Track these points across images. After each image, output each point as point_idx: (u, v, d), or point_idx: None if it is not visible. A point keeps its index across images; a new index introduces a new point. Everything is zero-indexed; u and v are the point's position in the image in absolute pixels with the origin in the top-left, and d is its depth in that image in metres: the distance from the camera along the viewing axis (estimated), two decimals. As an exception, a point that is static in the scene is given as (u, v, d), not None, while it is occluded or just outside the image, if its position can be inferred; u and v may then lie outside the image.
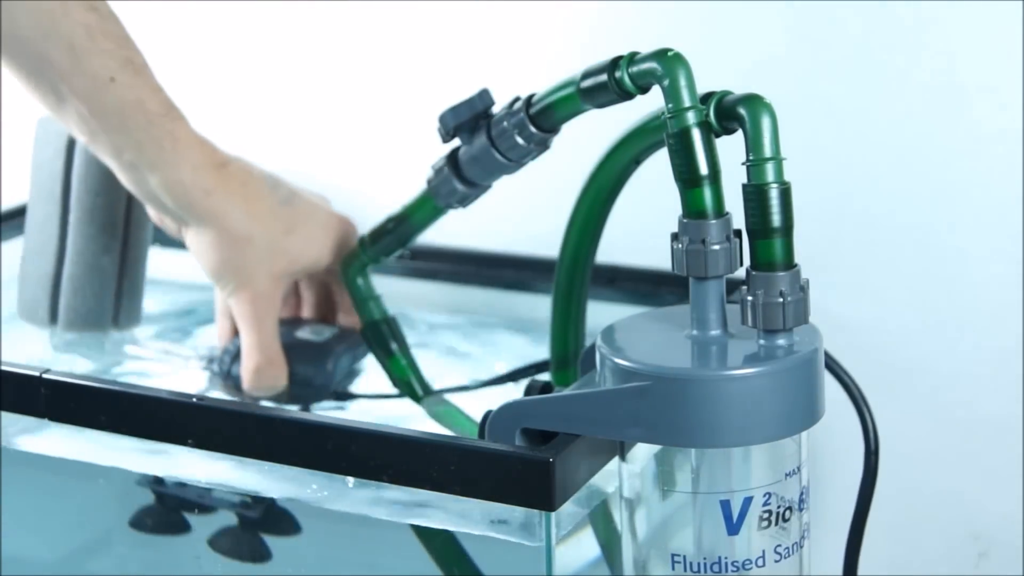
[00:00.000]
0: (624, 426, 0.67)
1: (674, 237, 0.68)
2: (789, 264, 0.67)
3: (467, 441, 0.72)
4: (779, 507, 0.67)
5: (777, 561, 0.68)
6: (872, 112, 0.99)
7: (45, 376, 0.79)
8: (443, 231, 0.91)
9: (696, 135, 0.67)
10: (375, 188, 1.09)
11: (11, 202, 1.11)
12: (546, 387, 0.76)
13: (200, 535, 0.84)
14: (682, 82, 0.68)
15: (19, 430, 0.83)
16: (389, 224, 0.89)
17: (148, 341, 0.98)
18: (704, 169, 0.67)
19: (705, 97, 0.69)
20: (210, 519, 0.83)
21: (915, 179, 0.99)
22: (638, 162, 0.77)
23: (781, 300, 0.66)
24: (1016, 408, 0.98)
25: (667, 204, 0.70)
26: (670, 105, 0.68)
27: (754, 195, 0.66)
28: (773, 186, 0.66)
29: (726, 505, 0.67)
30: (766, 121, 0.67)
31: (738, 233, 0.68)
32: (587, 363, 0.77)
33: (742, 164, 0.67)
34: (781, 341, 0.67)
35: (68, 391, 0.79)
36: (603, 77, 0.72)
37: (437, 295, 1.06)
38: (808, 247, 0.70)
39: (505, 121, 0.79)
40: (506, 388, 0.91)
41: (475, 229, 1.00)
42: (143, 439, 0.78)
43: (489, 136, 0.80)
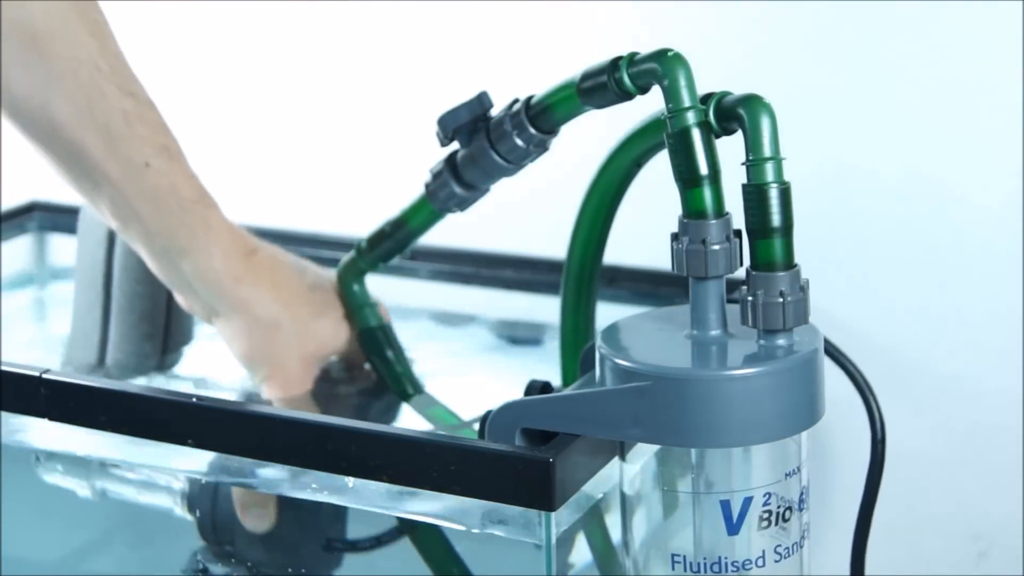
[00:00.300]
0: (624, 426, 0.67)
1: (674, 237, 0.68)
2: (789, 264, 0.67)
3: (467, 441, 0.72)
4: (779, 507, 0.67)
5: (777, 561, 0.68)
6: (872, 112, 0.99)
7: (45, 376, 0.79)
8: (443, 231, 0.91)
9: (696, 135, 0.67)
10: (372, 192, 1.09)
11: (11, 202, 1.11)
12: (546, 387, 0.76)
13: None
14: (682, 82, 0.68)
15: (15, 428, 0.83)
16: (386, 229, 0.88)
17: None
18: (704, 169, 0.67)
19: (704, 98, 0.69)
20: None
21: (915, 179, 0.99)
22: (639, 165, 0.77)
23: (781, 300, 0.66)
24: (1016, 409, 0.98)
25: (667, 204, 0.70)
26: (670, 105, 0.68)
27: (754, 195, 0.66)
28: (773, 186, 0.66)
29: (726, 505, 0.67)
30: (765, 121, 0.67)
31: (738, 233, 0.68)
32: (587, 363, 0.77)
33: (742, 164, 0.67)
34: (781, 341, 0.67)
35: (68, 391, 0.79)
36: (603, 77, 0.72)
37: (437, 295, 1.06)
38: (808, 247, 0.70)
39: (504, 123, 0.79)
40: (505, 388, 0.91)
41: (475, 229, 1.00)
42: (143, 439, 0.78)
43: (488, 138, 0.80)
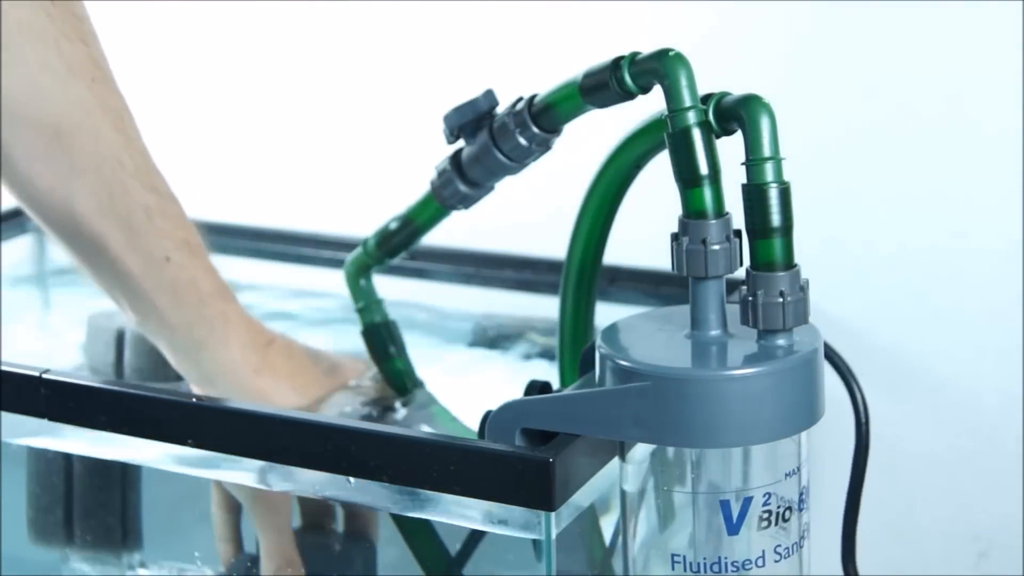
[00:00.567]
0: (624, 426, 0.67)
1: (674, 237, 0.68)
2: (789, 264, 0.67)
3: (467, 441, 0.72)
4: (779, 507, 0.67)
5: (777, 561, 0.68)
6: (872, 111, 0.99)
7: (45, 376, 0.79)
8: (443, 231, 0.91)
9: (696, 135, 0.67)
10: (374, 192, 1.09)
11: (12, 202, 1.11)
12: (546, 387, 0.76)
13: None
14: (683, 82, 0.68)
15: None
16: (393, 226, 0.89)
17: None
18: (704, 169, 0.67)
19: (704, 98, 0.69)
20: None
21: (915, 179, 0.99)
22: (639, 166, 0.77)
23: (781, 300, 0.66)
24: (1016, 408, 0.98)
25: (667, 204, 0.70)
26: (671, 105, 0.68)
27: (754, 195, 0.66)
28: (772, 186, 0.66)
29: (726, 505, 0.67)
30: (765, 121, 0.67)
31: (738, 233, 0.68)
32: (587, 363, 0.76)
33: (741, 164, 0.67)
34: (781, 341, 0.67)
35: (68, 391, 0.79)
36: (604, 77, 0.72)
37: (437, 295, 1.06)
38: (808, 247, 0.70)
39: (507, 121, 0.79)
40: (504, 389, 0.91)
41: (475, 229, 1.01)
42: (143, 439, 0.78)
43: (491, 136, 0.80)
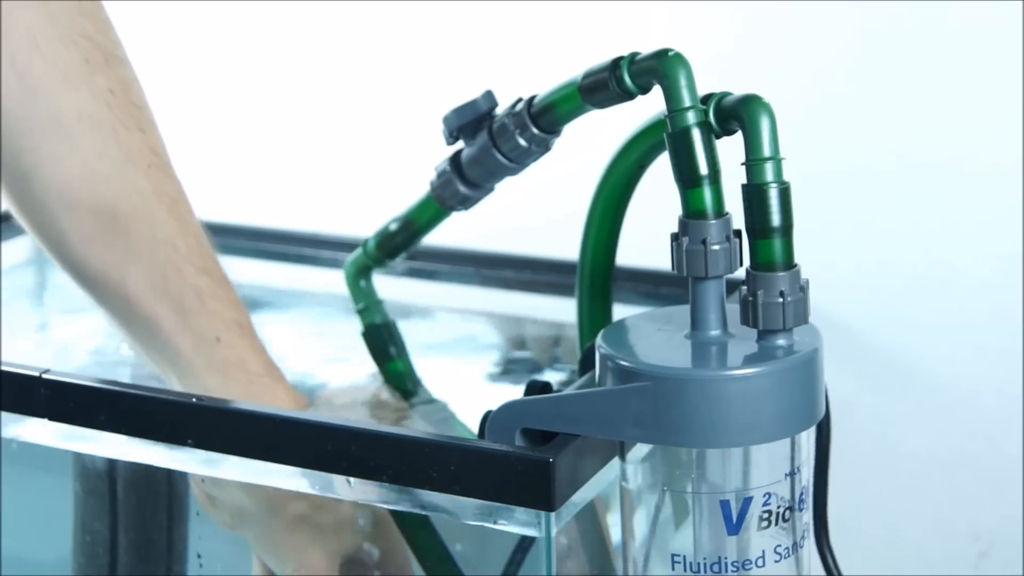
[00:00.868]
0: (624, 426, 0.67)
1: (674, 237, 0.68)
2: (789, 264, 0.67)
3: (467, 441, 0.72)
4: (779, 507, 0.67)
5: (777, 561, 0.68)
6: (872, 111, 0.99)
7: (45, 376, 0.79)
8: (443, 231, 0.91)
9: (696, 135, 0.67)
10: (374, 192, 1.09)
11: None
12: (546, 387, 0.76)
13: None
14: (682, 82, 0.68)
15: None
16: (393, 227, 0.89)
17: None
18: (704, 169, 0.67)
19: (704, 98, 0.69)
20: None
21: (915, 178, 0.99)
22: (643, 167, 0.77)
23: (781, 300, 0.66)
24: (1016, 408, 0.98)
25: (667, 204, 0.70)
26: (670, 105, 0.68)
27: (753, 195, 0.66)
28: (772, 186, 0.66)
29: (726, 505, 0.67)
30: (765, 121, 0.67)
31: (738, 233, 0.68)
32: (587, 363, 0.76)
33: (741, 164, 0.67)
34: (781, 341, 0.67)
35: (68, 391, 0.79)
36: (604, 77, 0.72)
37: (437, 295, 1.06)
38: (808, 247, 0.70)
39: (507, 122, 0.79)
40: (503, 388, 0.91)
41: (475, 229, 1.01)
42: (143, 439, 0.78)
43: (491, 137, 0.80)
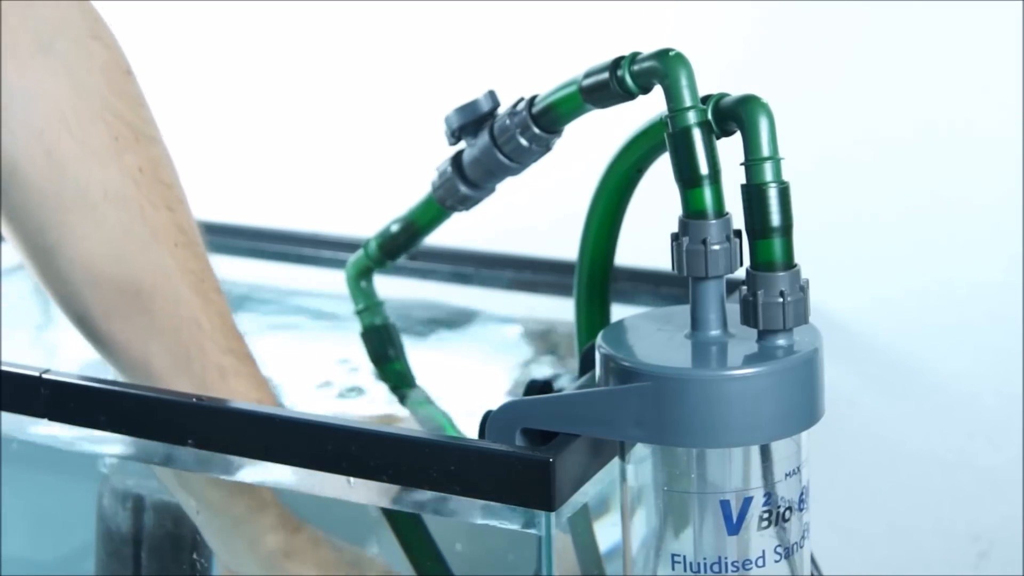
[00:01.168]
0: (624, 426, 0.67)
1: (674, 237, 0.68)
2: (789, 264, 0.67)
3: (467, 441, 0.72)
4: (779, 507, 0.67)
5: (777, 561, 0.68)
6: (872, 111, 0.99)
7: (45, 376, 0.79)
8: (444, 231, 0.91)
9: (696, 135, 0.67)
10: (375, 192, 1.09)
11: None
12: (546, 387, 0.76)
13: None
14: (683, 82, 0.68)
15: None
16: (394, 228, 0.89)
17: None
18: (704, 169, 0.67)
19: (703, 99, 0.69)
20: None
21: (915, 178, 0.99)
22: (640, 169, 0.77)
23: (781, 300, 0.66)
24: (1016, 408, 0.98)
25: (667, 204, 0.70)
26: (671, 105, 0.68)
27: (753, 195, 0.66)
28: (772, 186, 0.66)
29: (726, 505, 0.67)
30: (764, 121, 0.66)
31: (738, 233, 0.68)
32: (587, 363, 0.76)
33: (741, 164, 0.67)
34: (781, 341, 0.67)
35: (68, 391, 0.79)
36: (604, 76, 0.72)
37: (437, 295, 1.06)
38: (808, 247, 0.70)
39: (508, 122, 0.79)
40: (503, 387, 0.91)
41: (475, 229, 1.01)
42: (143, 439, 0.78)
43: (492, 137, 0.80)
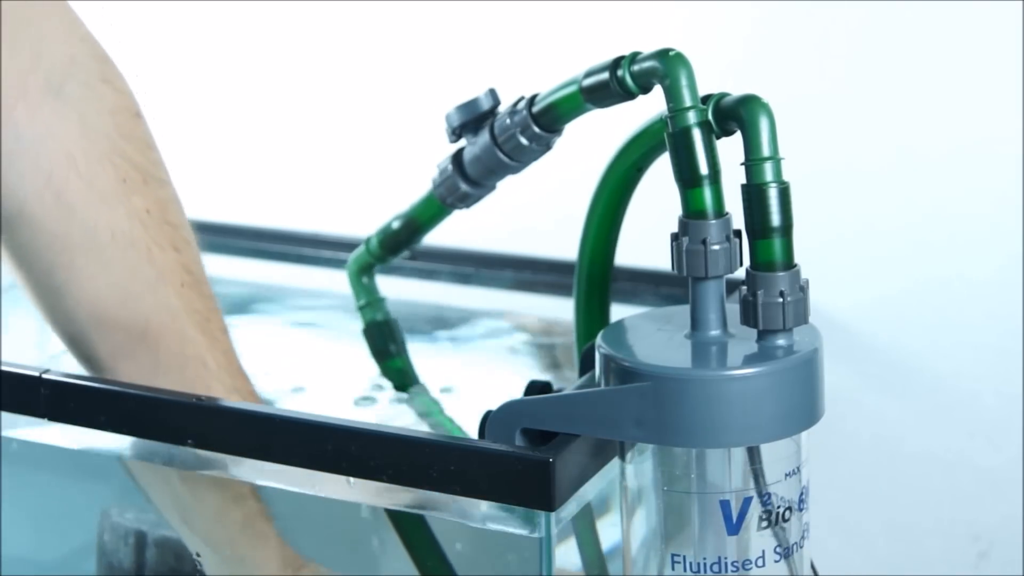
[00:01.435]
0: (624, 426, 0.67)
1: (674, 237, 0.68)
2: (789, 264, 0.67)
3: (467, 441, 0.72)
4: (779, 507, 0.67)
5: (777, 561, 0.68)
6: (872, 111, 0.99)
7: (45, 376, 0.79)
8: (444, 231, 0.91)
9: (696, 135, 0.67)
10: (375, 192, 1.09)
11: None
12: (546, 387, 0.76)
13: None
14: (683, 82, 0.68)
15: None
16: (395, 225, 0.89)
17: None
18: (704, 169, 0.67)
19: (703, 99, 0.69)
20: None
21: (915, 178, 0.99)
22: (640, 169, 0.77)
23: (781, 300, 0.66)
24: (1016, 408, 0.98)
25: (667, 204, 0.70)
26: (671, 104, 0.68)
27: (753, 195, 0.66)
28: (772, 186, 0.66)
29: (726, 505, 0.67)
30: (764, 121, 0.66)
31: (738, 233, 0.68)
32: (587, 363, 0.76)
33: (741, 164, 0.67)
34: (781, 341, 0.67)
35: (68, 391, 0.79)
36: (605, 76, 0.72)
37: (437, 295, 1.06)
38: (808, 247, 0.70)
39: (508, 120, 0.79)
40: (503, 388, 0.91)
41: (475, 229, 1.01)
42: (143, 439, 0.78)
43: (492, 135, 0.80)
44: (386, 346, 0.91)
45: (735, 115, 0.67)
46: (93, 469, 0.85)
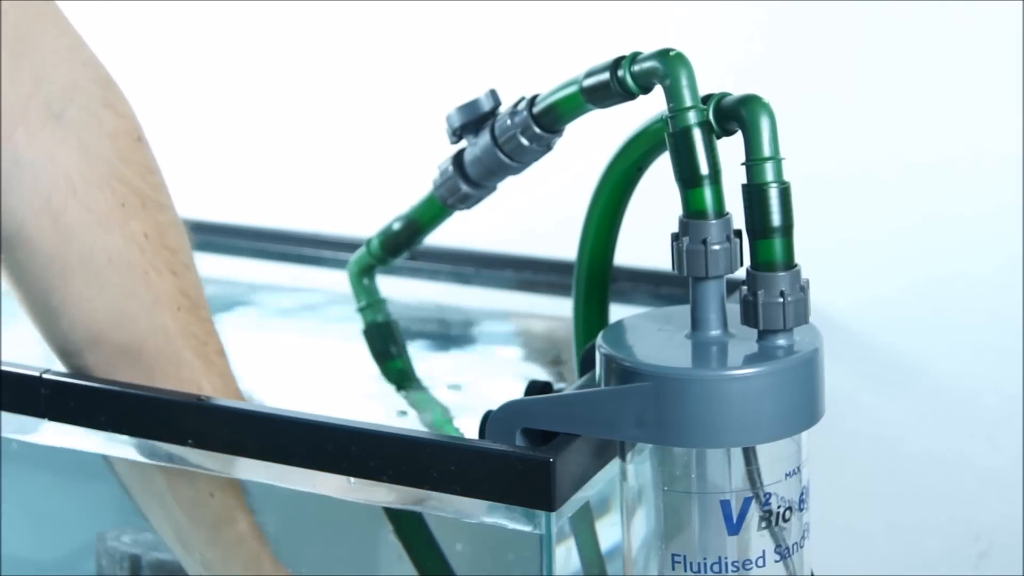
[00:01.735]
0: (624, 426, 0.67)
1: (674, 237, 0.68)
2: (789, 264, 0.67)
3: (467, 441, 0.72)
4: (779, 507, 0.67)
5: (777, 561, 0.68)
6: (872, 111, 0.99)
7: (45, 376, 0.79)
8: (444, 231, 0.91)
9: (697, 135, 0.67)
10: (375, 192, 1.09)
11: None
12: (546, 387, 0.76)
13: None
14: (683, 81, 0.68)
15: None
16: (396, 226, 0.89)
17: None
18: (705, 169, 0.67)
19: (704, 99, 0.69)
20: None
21: (915, 178, 0.99)
22: (640, 169, 0.77)
23: (781, 300, 0.66)
24: (1016, 408, 0.98)
25: (667, 204, 0.70)
26: (671, 104, 0.68)
27: (754, 195, 0.66)
28: (772, 186, 0.66)
29: (726, 505, 0.67)
30: (765, 121, 0.66)
31: (738, 233, 0.68)
32: (587, 363, 0.76)
33: (741, 164, 0.67)
34: (781, 341, 0.67)
35: (68, 391, 0.79)
36: (605, 76, 0.72)
37: (437, 295, 1.06)
38: (809, 247, 0.70)
39: (508, 121, 0.79)
40: (500, 389, 0.91)
41: (475, 229, 1.01)
42: (144, 438, 0.78)
43: (493, 136, 0.80)
44: (386, 347, 0.92)
45: (736, 115, 0.67)
46: (93, 469, 0.85)
